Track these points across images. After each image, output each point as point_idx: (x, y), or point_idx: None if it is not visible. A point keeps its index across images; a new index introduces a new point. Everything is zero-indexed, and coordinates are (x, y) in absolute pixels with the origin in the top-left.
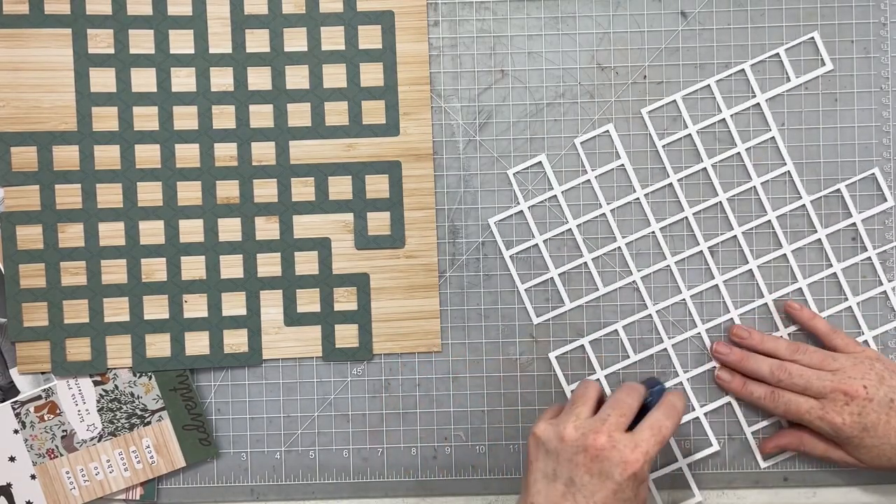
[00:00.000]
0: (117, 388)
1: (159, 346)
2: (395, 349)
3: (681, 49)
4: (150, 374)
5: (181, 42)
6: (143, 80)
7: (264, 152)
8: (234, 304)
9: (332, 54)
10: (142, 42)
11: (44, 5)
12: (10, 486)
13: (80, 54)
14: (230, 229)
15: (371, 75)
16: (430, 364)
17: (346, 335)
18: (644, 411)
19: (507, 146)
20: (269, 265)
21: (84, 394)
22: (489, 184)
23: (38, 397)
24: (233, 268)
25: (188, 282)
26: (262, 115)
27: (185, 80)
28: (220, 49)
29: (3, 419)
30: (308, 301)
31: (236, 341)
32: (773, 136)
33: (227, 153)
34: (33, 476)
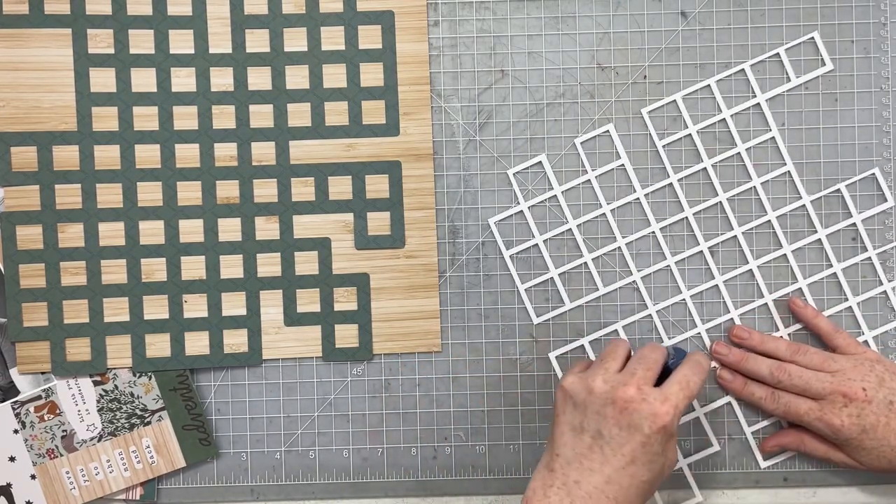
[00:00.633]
0: (117, 388)
1: (159, 346)
2: (395, 349)
3: (681, 49)
4: (150, 374)
5: (181, 42)
6: (143, 80)
7: (264, 152)
8: (234, 304)
9: (332, 54)
10: (142, 42)
11: (44, 5)
12: (10, 486)
13: (80, 54)
14: (230, 229)
15: (371, 75)
16: (430, 364)
17: (346, 335)
18: (665, 375)
19: (507, 146)
20: (269, 265)
21: (84, 394)
22: (489, 184)
23: (38, 397)
24: (233, 268)
25: (188, 282)
26: (262, 115)
27: (185, 80)
28: (220, 49)
29: (3, 419)
30: (308, 301)
31: (236, 341)
32: (774, 136)
33: (227, 153)
34: (33, 476)
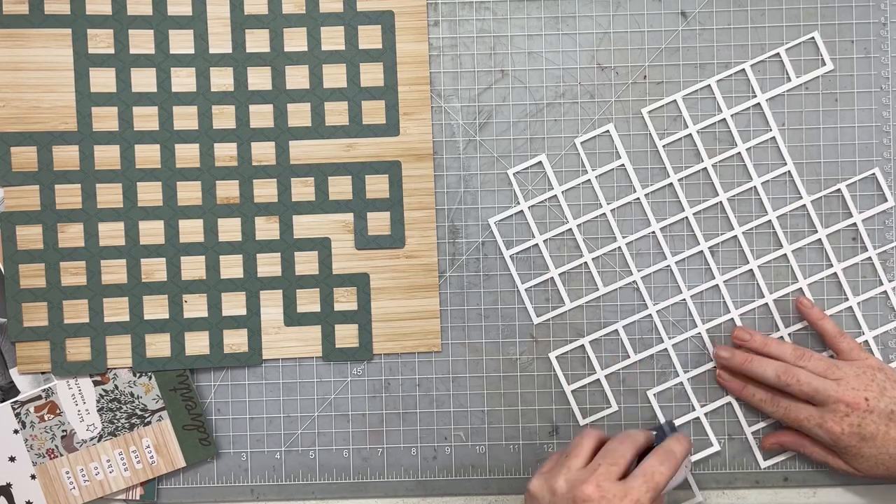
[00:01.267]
0: (117, 388)
1: (159, 346)
2: (395, 349)
3: (681, 49)
4: (150, 374)
5: (181, 42)
6: (143, 80)
7: (264, 152)
8: (233, 304)
9: (332, 54)
10: (142, 42)
11: (44, 5)
12: (10, 486)
13: (80, 54)
14: (230, 229)
15: (371, 75)
16: (430, 364)
17: (346, 335)
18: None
19: (507, 146)
20: (269, 265)
21: (84, 394)
22: (489, 184)
23: (38, 397)
24: (233, 268)
25: (188, 282)
26: (262, 115)
27: (185, 80)
28: (220, 49)
29: (3, 419)
30: (308, 301)
31: (236, 341)
32: (774, 136)
33: (227, 153)
34: (33, 476)
